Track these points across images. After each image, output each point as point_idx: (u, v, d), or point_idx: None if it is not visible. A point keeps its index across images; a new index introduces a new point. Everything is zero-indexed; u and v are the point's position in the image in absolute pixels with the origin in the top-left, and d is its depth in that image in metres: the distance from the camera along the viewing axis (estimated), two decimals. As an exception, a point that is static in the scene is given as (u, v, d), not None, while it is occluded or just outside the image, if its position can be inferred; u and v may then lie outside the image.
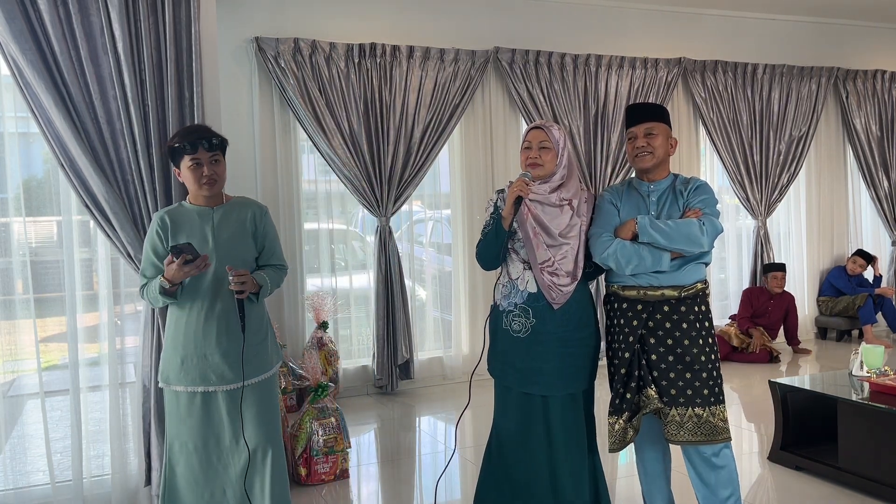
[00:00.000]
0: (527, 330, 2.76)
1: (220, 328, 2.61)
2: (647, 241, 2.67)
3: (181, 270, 2.48)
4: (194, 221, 2.65)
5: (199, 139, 2.58)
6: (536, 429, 2.78)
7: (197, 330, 2.61)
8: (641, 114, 2.80)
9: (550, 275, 2.72)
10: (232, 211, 2.71)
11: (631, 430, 2.74)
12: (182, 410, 2.64)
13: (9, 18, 2.96)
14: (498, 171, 5.96)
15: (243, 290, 2.56)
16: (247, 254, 2.70)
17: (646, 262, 2.67)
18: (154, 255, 2.64)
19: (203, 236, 2.63)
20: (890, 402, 3.33)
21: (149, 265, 2.67)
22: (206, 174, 2.60)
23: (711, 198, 2.75)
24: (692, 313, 2.72)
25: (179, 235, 2.62)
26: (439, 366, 5.90)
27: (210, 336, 2.60)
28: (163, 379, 2.67)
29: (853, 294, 6.92)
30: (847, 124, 7.27)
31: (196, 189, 2.63)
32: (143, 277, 2.68)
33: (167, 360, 2.66)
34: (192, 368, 2.61)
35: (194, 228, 2.64)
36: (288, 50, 5.20)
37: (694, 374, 2.68)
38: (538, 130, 2.78)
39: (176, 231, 2.63)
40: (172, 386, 2.64)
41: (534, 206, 2.75)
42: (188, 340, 2.61)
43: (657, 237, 2.65)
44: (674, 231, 2.64)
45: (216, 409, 2.64)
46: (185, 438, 2.65)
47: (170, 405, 2.68)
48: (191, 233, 2.63)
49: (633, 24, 6.45)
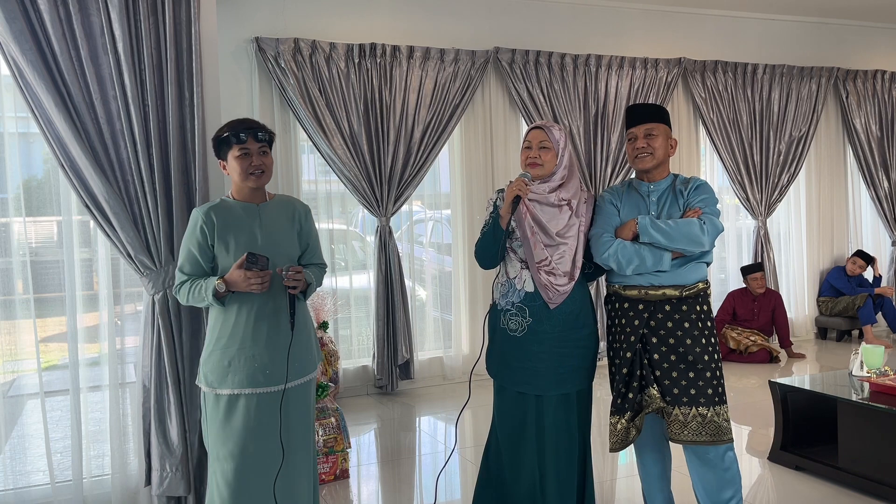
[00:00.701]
0: (523, 329, 2.76)
1: (270, 328, 2.54)
2: (647, 242, 2.67)
3: (247, 282, 2.42)
4: (241, 218, 2.57)
5: (248, 129, 2.54)
6: (529, 429, 2.78)
7: (246, 331, 2.52)
8: (641, 114, 2.80)
9: (547, 274, 2.72)
10: (277, 208, 2.64)
11: (633, 430, 2.74)
12: (225, 414, 2.52)
13: (9, 18, 2.96)
14: (498, 171, 5.97)
15: (297, 287, 2.51)
16: (292, 252, 2.64)
17: (647, 262, 2.68)
18: (198, 253, 2.54)
19: (251, 233, 2.56)
20: (890, 402, 3.33)
21: (190, 263, 2.56)
22: (255, 164, 2.55)
23: (712, 197, 2.76)
24: (693, 313, 2.72)
25: (227, 233, 2.54)
26: (439, 366, 5.90)
27: (260, 336, 2.52)
28: (206, 383, 2.56)
29: (853, 294, 6.92)
30: (847, 124, 7.28)
31: (243, 180, 2.55)
32: (181, 274, 2.58)
33: (211, 362, 2.55)
34: (239, 370, 2.51)
35: (241, 225, 2.56)
36: (288, 50, 5.20)
37: (697, 373, 2.68)
38: (539, 130, 2.79)
39: (224, 229, 2.54)
40: (217, 389, 2.53)
41: (532, 205, 2.75)
42: (235, 341, 2.52)
43: (658, 237, 2.66)
44: (674, 231, 2.65)
45: (263, 410, 2.54)
46: (231, 443, 2.52)
47: (212, 410, 2.56)
48: (238, 230, 2.55)
49: (633, 24, 6.45)
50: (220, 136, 2.56)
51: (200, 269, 2.56)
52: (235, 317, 2.54)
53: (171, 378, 3.23)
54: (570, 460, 2.78)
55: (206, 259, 2.55)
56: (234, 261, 2.51)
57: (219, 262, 2.56)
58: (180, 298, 2.60)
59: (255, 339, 2.52)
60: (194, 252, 2.55)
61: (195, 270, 2.57)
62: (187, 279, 2.57)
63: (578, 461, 2.83)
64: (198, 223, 2.55)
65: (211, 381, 2.55)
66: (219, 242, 2.54)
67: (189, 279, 2.57)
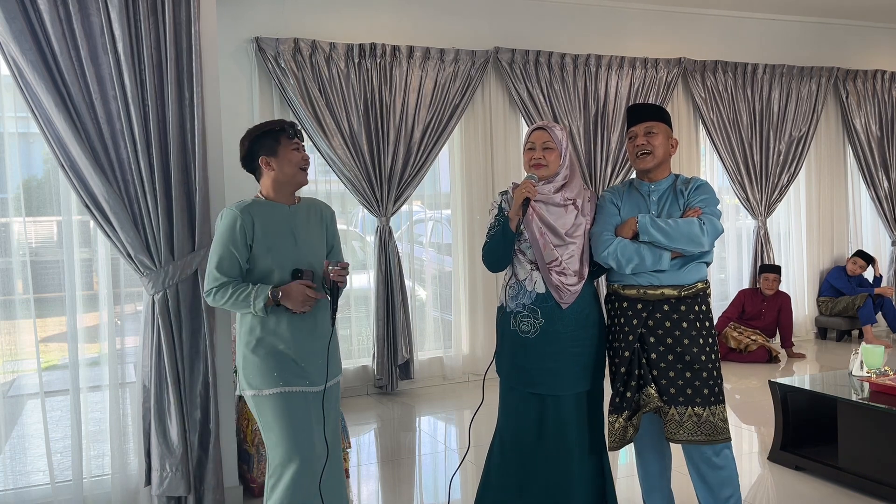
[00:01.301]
0: (536, 330, 2.76)
1: (311, 328, 2.52)
2: (647, 241, 2.67)
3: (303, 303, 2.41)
4: (278, 219, 2.52)
5: (295, 127, 2.51)
6: (542, 430, 2.78)
7: (287, 331, 2.48)
8: (642, 113, 2.81)
9: (559, 275, 2.72)
10: (307, 210, 2.61)
11: (631, 429, 2.74)
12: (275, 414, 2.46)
13: (9, 18, 2.96)
14: (498, 171, 5.96)
15: (342, 283, 2.48)
16: (322, 254, 2.62)
17: (646, 261, 2.68)
18: (237, 253, 2.45)
19: (290, 235, 2.52)
20: (890, 402, 3.33)
21: (228, 263, 2.45)
22: (305, 158, 2.52)
23: (712, 197, 2.76)
24: (692, 313, 2.72)
25: (267, 235, 2.47)
26: (439, 366, 5.90)
27: (300, 336, 2.50)
28: (251, 386, 2.49)
29: (853, 294, 6.92)
30: (847, 124, 7.27)
31: (293, 174, 2.51)
32: (219, 275, 2.45)
33: (254, 365, 2.48)
34: (283, 370, 2.47)
35: (280, 226, 2.51)
36: (288, 50, 5.20)
37: (694, 373, 2.68)
38: (541, 131, 2.79)
39: (265, 230, 2.47)
40: (263, 391, 2.46)
41: (538, 206, 2.76)
42: (277, 341, 2.47)
43: (658, 236, 2.66)
44: (674, 230, 2.65)
45: (310, 409, 2.51)
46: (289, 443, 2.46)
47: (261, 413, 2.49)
48: (277, 231, 2.49)
49: (633, 24, 6.45)
50: (271, 129, 2.50)
51: (238, 271, 2.47)
52: (276, 319, 2.48)
53: (171, 378, 3.23)
54: (581, 459, 2.79)
55: (243, 260, 2.47)
56: (272, 264, 2.47)
57: (256, 264, 2.49)
58: (214, 301, 2.48)
59: (295, 339, 2.49)
60: (234, 252, 2.45)
61: (233, 272, 2.47)
62: (227, 282, 2.46)
63: (595, 460, 2.84)
64: (236, 222, 2.44)
65: (256, 384, 2.48)
66: (258, 244, 2.47)
67: (230, 283, 2.45)
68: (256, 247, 2.47)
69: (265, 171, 2.52)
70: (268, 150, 2.50)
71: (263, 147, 2.50)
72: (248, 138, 2.53)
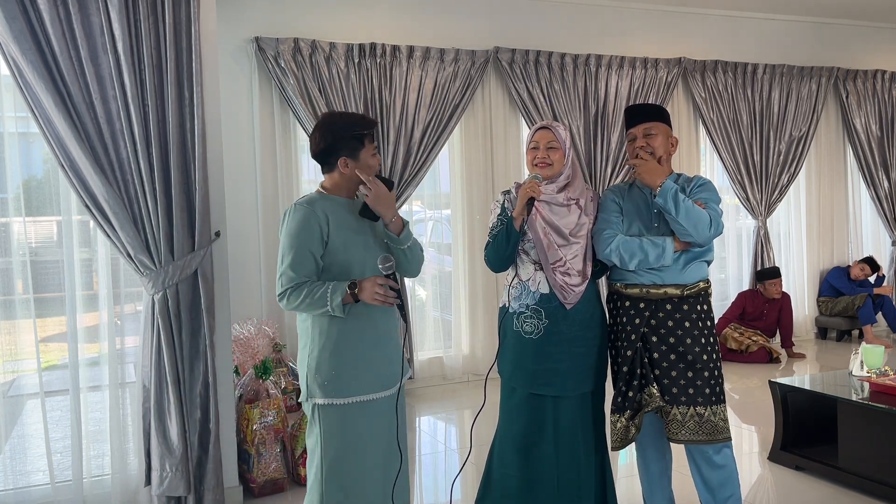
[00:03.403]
0: (539, 331, 2.75)
1: (386, 328, 2.44)
2: (660, 204, 2.63)
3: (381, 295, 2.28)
4: (347, 213, 2.39)
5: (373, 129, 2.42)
6: (544, 430, 2.78)
7: (367, 333, 2.38)
8: (640, 114, 2.80)
9: (563, 275, 2.72)
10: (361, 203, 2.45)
11: (633, 429, 2.74)
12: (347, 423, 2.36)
13: (9, 18, 2.96)
14: (498, 171, 5.96)
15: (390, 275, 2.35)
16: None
17: (648, 256, 2.67)
18: (313, 250, 2.31)
19: (366, 232, 2.40)
20: (890, 402, 3.33)
21: (306, 263, 2.31)
22: (379, 162, 2.47)
23: (715, 195, 2.75)
24: (694, 312, 2.72)
25: (341, 229, 2.35)
26: (439, 366, 5.90)
27: (378, 337, 2.41)
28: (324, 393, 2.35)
29: (852, 294, 6.92)
30: (847, 124, 7.27)
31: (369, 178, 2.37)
32: (295, 275, 2.30)
33: (327, 370, 2.35)
34: (358, 375, 2.36)
35: (351, 222, 2.38)
36: (288, 50, 5.20)
37: (696, 373, 2.68)
38: (545, 131, 2.78)
39: (338, 225, 2.35)
40: (336, 399, 2.34)
41: (542, 206, 2.75)
42: (352, 345, 2.36)
43: (671, 205, 2.60)
44: (688, 209, 2.61)
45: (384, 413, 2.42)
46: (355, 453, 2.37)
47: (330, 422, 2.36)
48: (350, 225, 2.37)
49: (633, 24, 6.45)
50: (359, 133, 2.37)
51: (315, 269, 2.33)
52: (347, 321, 2.34)
53: (171, 378, 3.22)
54: (587, 460, 2.79)
55: (319, 257, 2.33)
56: (348, 257, 2.34)
57: (334, 261, 2.35)
58: (288, 304, 2.33)
59: (377, 341, 2.41)
60: (311, 251, 2.31)
61: (310, 272, 2.32)
62: (304, 282, 2.31)
63: (596, 460, 2.83)
64: (310, 219, 2.31)
65: (330, 390, 2.35)
66: (333, 239, 2.34)
67: (306, 282, 2.31)
68: (332, 243, 2.33)
69: (339, 170, 2.38)
70: (350, 151, 2.36)
71: (346, 148, 2.36)
72: (332, 133, 2.36)
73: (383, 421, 2.43)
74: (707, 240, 2.67)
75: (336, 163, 2.38)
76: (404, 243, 2.40)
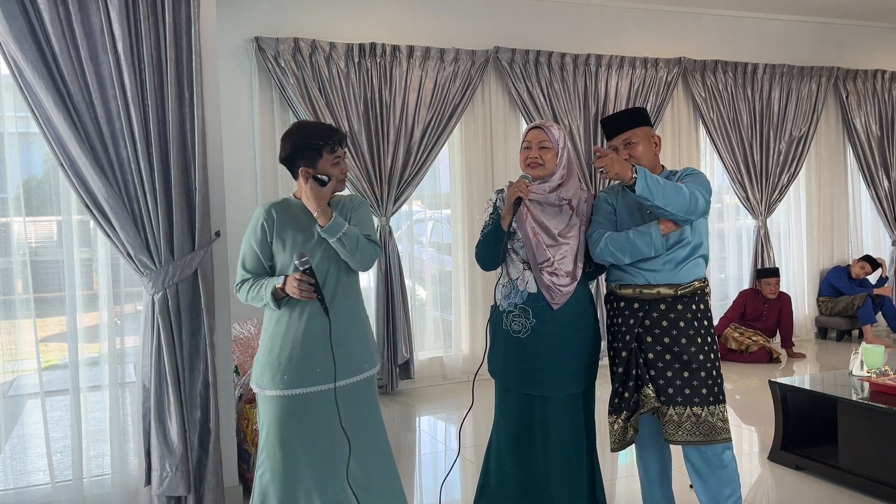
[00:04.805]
0: (527, 330, 2.75)
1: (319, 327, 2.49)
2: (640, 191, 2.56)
3: (296, 289, 2.40)
4: (300, 216, 2.54)
5: (341, 136, 2.52)
6: (535, 430, 2.78)
7: (297, 329, 2.49)
8: (615, 126, 2.78)
9: (550, 275, 2.72)
10: (336, 209, 2.56)
11: (631, 430, 2.74)
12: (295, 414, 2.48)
13: (9, 18, 2.96)
14: (498, 171, 5.96)
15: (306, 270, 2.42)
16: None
17: (638, 245, 2.64)
18: (258, 247, 2.54)
19: (310, 231, 2.52)
20: (890, 402, 3.33)
21: (250, 259, 2.57)
22: (344, 171, 2.56)
23: (700, 179, 2.70)
24: (689, 312, 2.71)
25: (285, 230, 2.52)
26: (439, 366, 5.90)
27: (310, 335, 2.49)
28: (258, 384, 2.54)
29: (852, 294, 6.92)
30: (847, 124, 7.27)
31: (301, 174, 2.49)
32: (243, 271, 2.59)
33: (264, 363, 2.53)
34: (306, 369, 2.47)
35: (301, 223, 2.53)
36: (288, 50, 5.20)
37: (692, 373, 2.67)
38: (538, 130, 2.78)
39: (282, 226, 2.52)
40: (266, 391, 2.50)
41: (533, 206, 2.75)
42: (287, 341, 2.49)
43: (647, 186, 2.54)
44: (666, 186, 2.56)
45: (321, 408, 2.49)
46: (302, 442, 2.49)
47: (263, 412, 2.54)
48: (297, 227, 2.52)
49: (633, 24, 6.45)
50: (313, 143, 2.48)
51: (261, 267, 2.57)
52: (289, 317, 2.51)
53: (171, 378, 3.23)
54: (577, 455, 2.78)
55: (265, 256, 2.55)
56: (288, 259, 2.49)
57: (276, 260, 2.55)
58: (240, 296, 2.60)
59: (307, 338, 2.48)
60: (255, 248, 2.55)
61: (256, 268, 2.57)
62: (249, 277, 2.57)
63: (586, 461, 2.83)
64: (259, 220, 2.54)
65: (263, 382, 2.52)
66: (276, 239, 2.52)
67: (251, 277, 2.57)
68: (275, 244, 2.53)
69: (301, 177, 2.50)
70: (308, 161, 2.49)
71: (305, 158, 2.49)
72: (291, 143, 2.51)
73: (318, 417, 2.49)
74: (683, 210, 2.58)
75: (297, 171, 2.52)
76: (331, 235, 2.46)
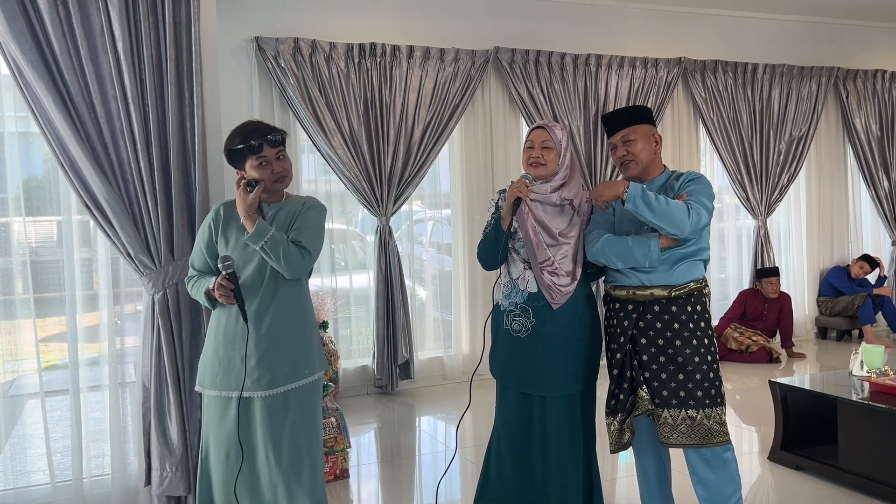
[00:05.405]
0: (527, 330, 2.75)
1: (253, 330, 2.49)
2: (631, 208, 2.56)
3: (217, 290, 2.45)
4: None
5: (262, 137, 2.49)
6: (533, 429, 2.78)
7: (228, 331, 2.52)
8: (615, 122, 2.77)
9: (550, 274, 2.72)
10: (285, 209, 2.59)
11: (627, 432, 2.73)
12: (215, 415, 2.56)
13: (9, 18, 2.96)
14: (498, 170, 5.96)
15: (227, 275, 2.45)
16: None
17: (635, 254, 2.61)
18: (204, 246, 2.61)
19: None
20: (890, 402, 3.33)
21: (197, 257, 2.65)
22: (276, 171, 2.53)
23: (704, 188, 2.66)
24: (684, 313, 2.67)
25: (228, 229, 2.57)
26: (439, 366, 5.90)
27: (228, 338, 2.52)
28: (199, 383, 2.61)
29: (852, 294, 6.92)
30: (847, 124, 7.27)
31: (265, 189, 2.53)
32: (192, 268, 2.66)
33: (203, 363, 2.60)
34: (225, 373, 2.52)
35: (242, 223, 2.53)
36: (288, 50, 5.20)
37: (687, 375, 2.65)
38: (541, 130, 2.78)
39: (226, 225, 2.58)
40: (206, 390, 2.57)
41: (534, 205, 2.75)
42: (220, 343, 2.54)
43: (642, 207, 2.54)
44: (660, 206, 2.53)
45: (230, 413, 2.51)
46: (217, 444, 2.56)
47: (205, 410, 2.62)
48: (240, 228, 2.54)
49: (633, 24, 6.45)
50: (234, 148, 2.52)
51: (206, 265, 2.62)
52: (226, 318, 2.55)
53: (171, 378, 3.23)
54: (575, 461, 2.78)
55: (210, 255, 2.60)
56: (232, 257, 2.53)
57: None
58: (190, 293, 2.66)
59: (238, 341, 2.51)
60: (201, 246, 2.63)
61: (202, 265, 2.63)
62: (195, 275, 2.64)
63: (584, 461, 2.83)
64: (209, 219, 2.62)
65: (203, 382, 2.60)
66: (221, 238, 2.59)
67: (196, 275, 2.63)
68: (218, 244, 2.59)
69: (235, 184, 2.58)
70: (238, 165, 2.57)
71: (234, 162, 2.58)
72: (224, 150, 2.60)
73: (227, 421, 2.54)
74: (690, 231, 2.56)
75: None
76: (255, 243, 2.45)
